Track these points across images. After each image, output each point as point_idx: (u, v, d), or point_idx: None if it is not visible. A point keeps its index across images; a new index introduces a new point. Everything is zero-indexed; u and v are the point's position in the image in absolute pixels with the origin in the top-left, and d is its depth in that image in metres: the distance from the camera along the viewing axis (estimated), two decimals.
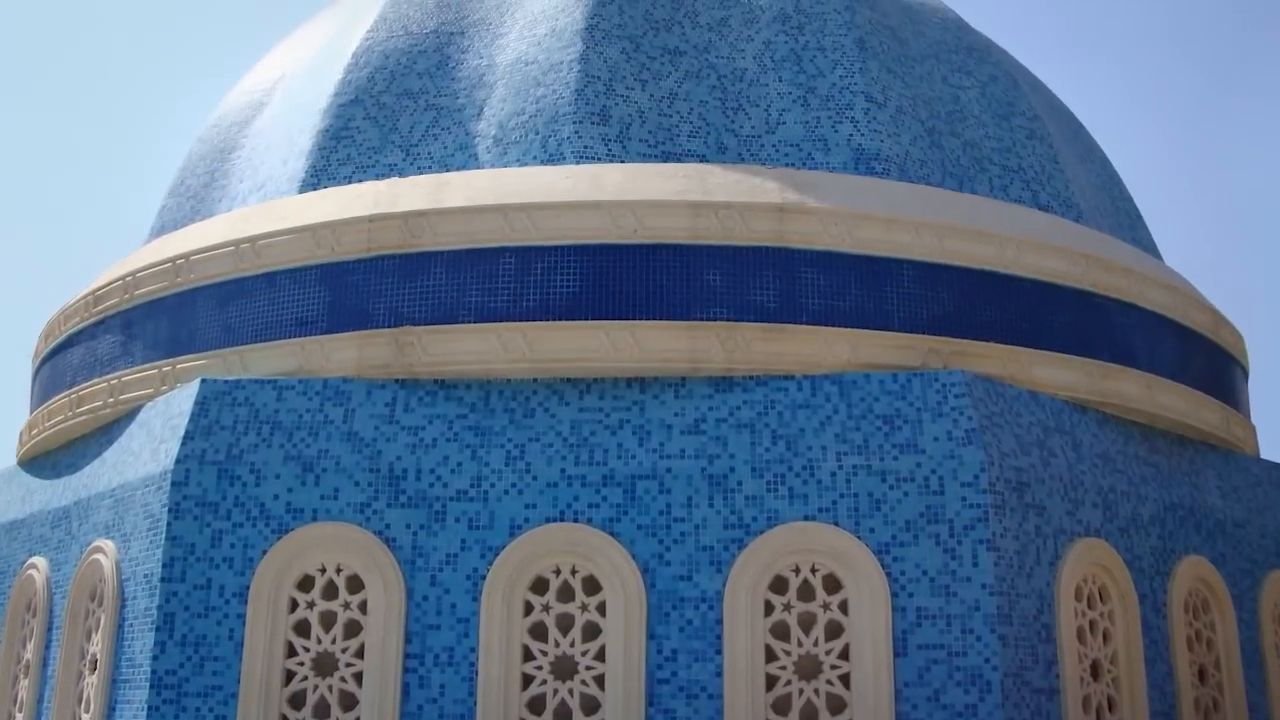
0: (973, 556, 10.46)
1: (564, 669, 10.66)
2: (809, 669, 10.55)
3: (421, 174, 12.94)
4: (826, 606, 10.63)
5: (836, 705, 10.47)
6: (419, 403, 11.30)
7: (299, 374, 11.62)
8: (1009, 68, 15.33)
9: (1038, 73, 17.20)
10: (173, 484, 10.92)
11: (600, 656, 10.62)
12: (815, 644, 10.56)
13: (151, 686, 10.58)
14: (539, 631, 10.73)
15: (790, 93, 13.44)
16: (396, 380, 11.43)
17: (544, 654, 10.67)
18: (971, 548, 10.47)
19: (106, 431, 12.90)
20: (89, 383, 13.19)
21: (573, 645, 10.66)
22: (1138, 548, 11.86)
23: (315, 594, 10.88)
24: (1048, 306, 12.22)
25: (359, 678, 10.70)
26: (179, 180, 15.39)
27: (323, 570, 10.91)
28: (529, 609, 10.77)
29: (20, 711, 12.52)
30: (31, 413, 14.54)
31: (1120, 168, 16.08)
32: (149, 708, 10.54)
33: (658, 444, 10.97)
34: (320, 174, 13.25)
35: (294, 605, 10.89)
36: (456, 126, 13.31)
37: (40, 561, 12.68)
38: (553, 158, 12.71)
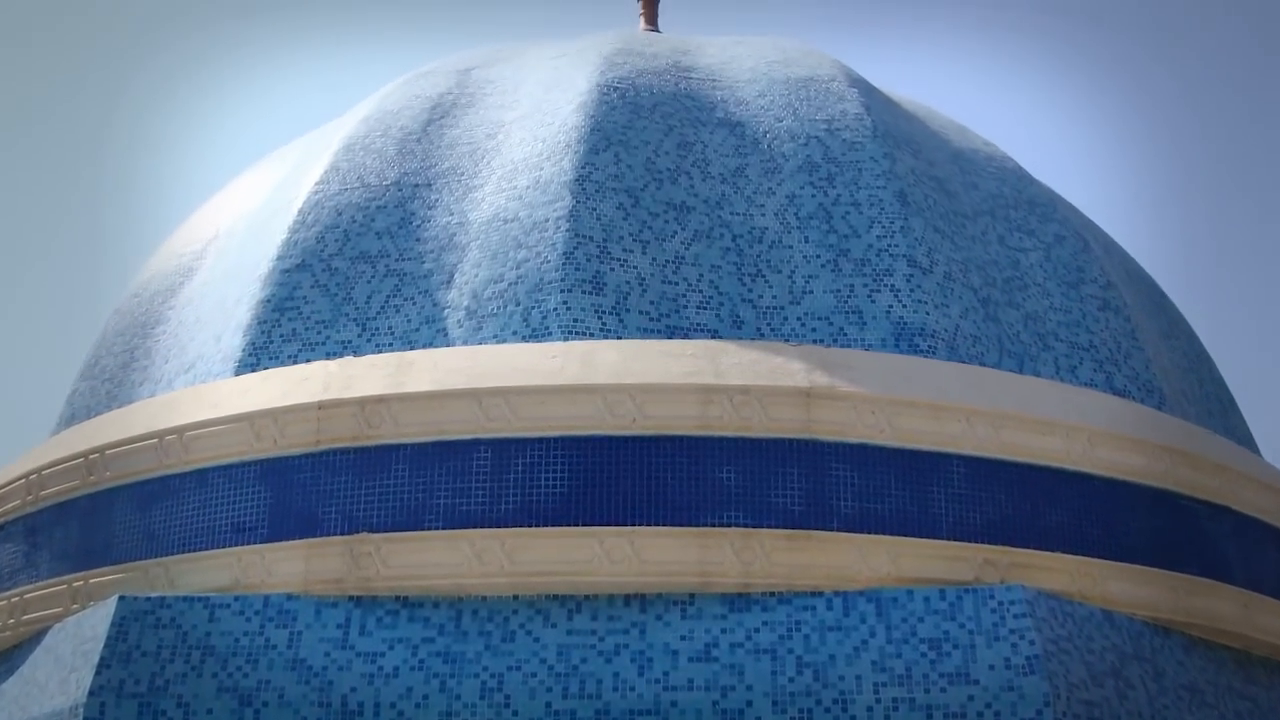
0: None
1: None
2: None
3: (380, 352, 13.33)
4: None
5: None
6: (378, 624, 11.66)
7: (235, 590, 12.00)
8: (1078, 226, 15.86)
9: (1112, 232, 17.77)
10: None
11: None
12: None
13: None
14: None
15: (818, 256, 13.93)
16: (351, 597, 11.82)
17: None
18: None
19: (6, 658, 13.24)
20: None
21: None
22: None
23: None
24: (1124, 510, 12.64)
25: None
26: (92, 360, 15.89)
27: None
28: None
29: None
30: None
31: (1210, 344, 16.55)
32: None
33: (661, 673, 11.31)
34: (260, 352, 13.67)
35: None
36: (422, 296, 13.77)
37: None
38: (536, 333, 13.12)
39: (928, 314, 13.56)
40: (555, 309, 13.17)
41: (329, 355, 13.45)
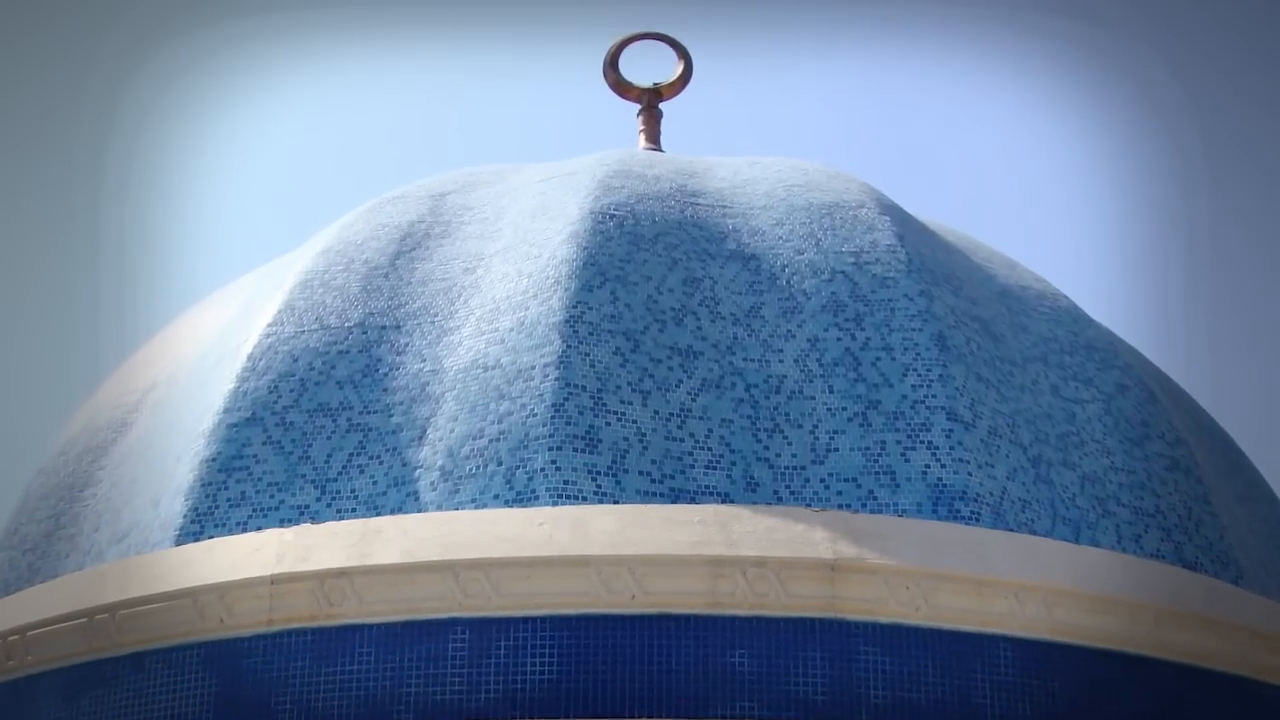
0: None
1: None
2: None
3: (342, 518, 13.46)
4: None
5: None
6: None
7: None
8: (1142, 374, 16.13)
9: (1183, 382, 18.01)
10: None
11: None
12: None
13: None
14: None
15: (845, 408, 14.09)
16: None
17: None
18: None
19: None
20: None
21: None
22: None
23: None
24: (1196, 700, 12.81)
25: None
26: (12, 528, 16.09)
27: None
28: None
29: None
30: None
31: None
32: None
33: None
34: (204, 519, 13.79)
35: None
36: (390, 454, 13.90)
37: None
38: (521, 496, 13.22)
39: (970, 475, 13.67)
40: (543, 469, 13.26)
41: (283, 522, 13.52)
